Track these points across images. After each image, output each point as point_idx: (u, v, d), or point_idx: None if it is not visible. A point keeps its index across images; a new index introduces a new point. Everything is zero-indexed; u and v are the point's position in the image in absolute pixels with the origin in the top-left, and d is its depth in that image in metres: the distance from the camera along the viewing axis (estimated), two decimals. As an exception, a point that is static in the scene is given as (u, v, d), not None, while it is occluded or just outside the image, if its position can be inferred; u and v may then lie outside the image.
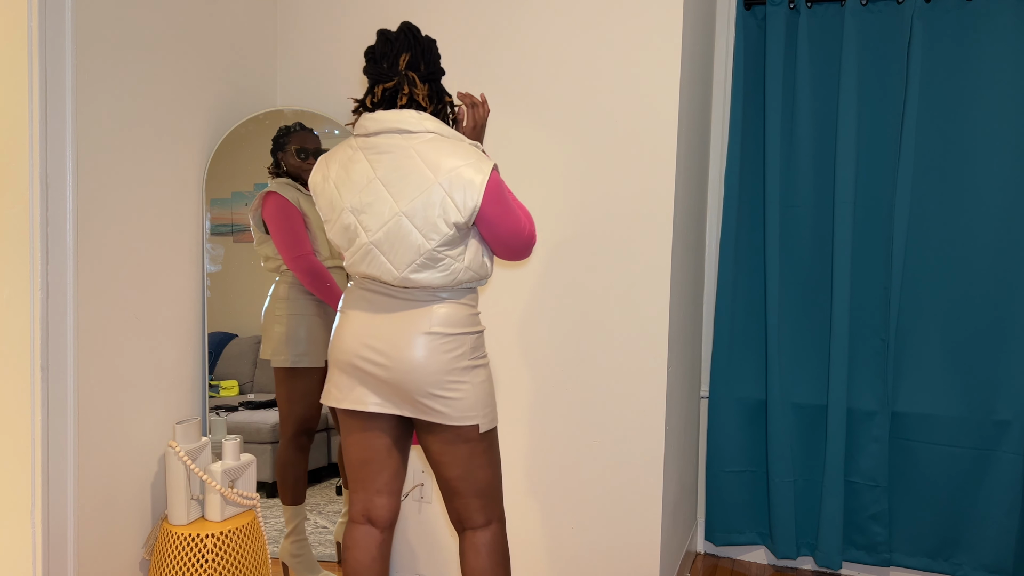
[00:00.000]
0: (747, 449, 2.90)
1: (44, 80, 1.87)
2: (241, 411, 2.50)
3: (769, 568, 2.93)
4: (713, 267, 3.00)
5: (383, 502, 1.87)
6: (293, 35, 2.68)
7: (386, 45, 1.75)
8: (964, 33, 2.59)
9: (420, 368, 1.72)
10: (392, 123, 1.70)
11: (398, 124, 1.70)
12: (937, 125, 2.64)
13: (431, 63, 1.77)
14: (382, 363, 1.74)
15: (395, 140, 1.70)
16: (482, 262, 1.78)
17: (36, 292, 1.87)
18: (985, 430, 2.62)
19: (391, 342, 1.73)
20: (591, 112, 2.33)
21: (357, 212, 1.72)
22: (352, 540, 1.88)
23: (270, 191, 2.44)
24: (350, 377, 1.79)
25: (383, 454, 1.85)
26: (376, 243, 1.71)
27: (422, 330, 1.73)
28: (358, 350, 1.76)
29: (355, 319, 1.78)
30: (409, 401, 1.76)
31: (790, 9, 2.73)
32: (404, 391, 1.74)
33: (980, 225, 2.60)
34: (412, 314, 1.74)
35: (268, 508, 2.56)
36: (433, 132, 1.71)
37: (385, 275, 1.73)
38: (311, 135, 2.52)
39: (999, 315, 2.60)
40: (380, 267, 1.73)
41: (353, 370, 1.78)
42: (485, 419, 1.78)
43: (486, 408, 1.79)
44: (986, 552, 2.63)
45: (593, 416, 2.37)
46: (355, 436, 1.85)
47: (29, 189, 1.84)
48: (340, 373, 1.81)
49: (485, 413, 1.78)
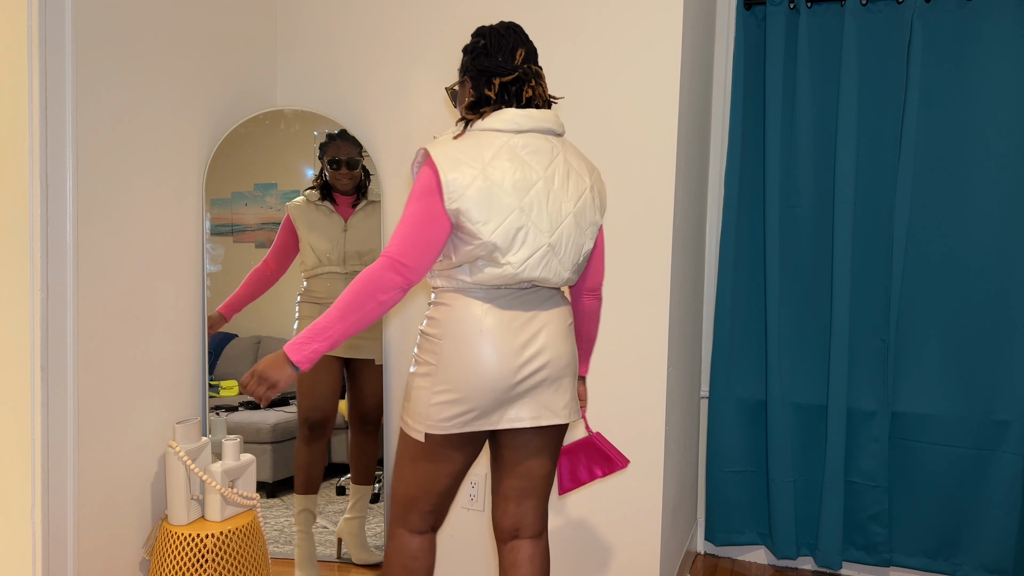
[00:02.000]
0: (747, 449, 2.90)
1: (44, 80, 1.87)
2: (241, 411, 2.50)
3: (769, 568, 2.93)
4: (713, 267, 3.00)
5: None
6: (293, 35, 2.68)
7: (498, 39, 1.69)
8: (964, 33, 2.59)
9: (573, 361, 1.74)
10: (545, 122, 1.67)
11: (548, 123, 1.68)
12: (937, 125, 2.64)
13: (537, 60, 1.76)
14: (543, 363, 1.68)
15: (545, 139, 1.68)
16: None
17: (36, 292, 1.87)
18: (985, 430, 2.62)
19: (547, 341, 1.68)
20: (591, 112, 2.33)
21: (528, 212, 1.62)
22: (424, 549, 1.80)
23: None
24: (505, 397, 1.67)
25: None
26: (552, 244, 1.65)
27: (568, 322, 1.75)
28: (519, 367, 1.66)
29: (502, 335, 1.65)
30: (549, 407, 1.70)
31: (790, 9, 2.73)
32: (555, 390, 1.70)
33: (980, 225, 2.60)
34: (559, 311, 1.73)
35: (268, 508, 2.56)
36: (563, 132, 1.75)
37: (554, 277, 1.67)
38: (346, 144, 2.55)
39: (999, 315, 2.60)
40: (552, 269, 1.66)
41: (511, 389, 1.66)
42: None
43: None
44: (986, 552, 2.63)
45: (593, 416, 2.37)
46: (467, 455, 1.75)
47: (29, 189, 1.84)
48: (489, 399, 1.66)
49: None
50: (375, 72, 2.57)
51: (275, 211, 2.52)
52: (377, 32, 2.56)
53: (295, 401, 2.54)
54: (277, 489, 2.56)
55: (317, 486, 2.54)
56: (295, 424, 2.54)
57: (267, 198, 2.52)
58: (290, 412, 2.55)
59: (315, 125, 2.55)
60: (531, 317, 1.68)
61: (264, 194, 2.52)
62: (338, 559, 2.57)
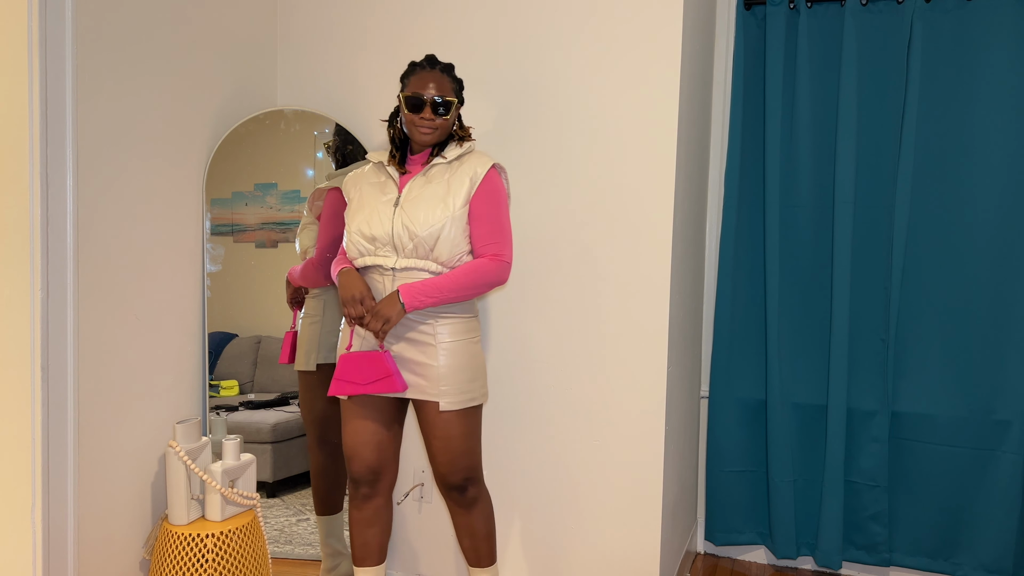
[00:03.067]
0: (747, 449, 2.90)
1: (44, 80, 1.87)
2: (241, 411, 2.50)
3: (769, 568, 2.93)
4: (713, 267, 3.00)
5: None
6: (293, 35, 2.68)
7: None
8: (964, 33, 2.58)
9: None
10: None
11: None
12: (937, 125, 2.64)
13: None
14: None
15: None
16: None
17: (36, 292, 1.87)
18: (985, 430, 2.62)
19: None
20: (591, 112, 2.33)
21: None
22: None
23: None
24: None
25: None
26: None
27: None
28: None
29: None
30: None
31: (790, 9, 2.73)
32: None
33: (980, 225, 2.60)
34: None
35: (268, 508, 2.56)
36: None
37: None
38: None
39: (999, 315, 2.60)
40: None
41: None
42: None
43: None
44: (986, 552, 2.63)
45: (593, 416, 2.37)
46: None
47: (29, 189, 1.84)
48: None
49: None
50: (375, 72, 2.57)
51: (275, 211, 2.52)
52: (377, 32, 2.56)
53: (295, 401, 2.54)
54: (277, 489, 2.56)
55: (339, 504, 2.50)
56: (295, 424, 2.54)
57: (267, 198, 2.52)
58: (290, 412, 2.55)
59: (315, 125, 2.55)
60: None
61: (264, 194, 2.52)
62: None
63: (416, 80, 2.01)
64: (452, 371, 1.98)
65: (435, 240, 1.95)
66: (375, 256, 2.00)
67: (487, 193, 2.00)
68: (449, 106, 2.00)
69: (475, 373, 2.02)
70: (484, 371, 2.06)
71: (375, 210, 2.00)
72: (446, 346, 1.98)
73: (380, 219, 1.99)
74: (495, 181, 2.03)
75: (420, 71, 2.01)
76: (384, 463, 2.07)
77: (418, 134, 2.00)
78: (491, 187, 2.01)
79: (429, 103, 1.97)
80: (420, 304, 1.92)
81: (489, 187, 2.01)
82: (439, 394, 1.97)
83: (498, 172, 2.06)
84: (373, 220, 1.99)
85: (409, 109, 1.99)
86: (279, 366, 2.52)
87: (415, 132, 2.00)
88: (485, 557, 2.12)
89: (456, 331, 2.00)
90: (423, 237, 1.95)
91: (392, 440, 2.08)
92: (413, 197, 1.99)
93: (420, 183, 2.01)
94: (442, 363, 1.97)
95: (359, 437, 2.04)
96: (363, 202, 2.04)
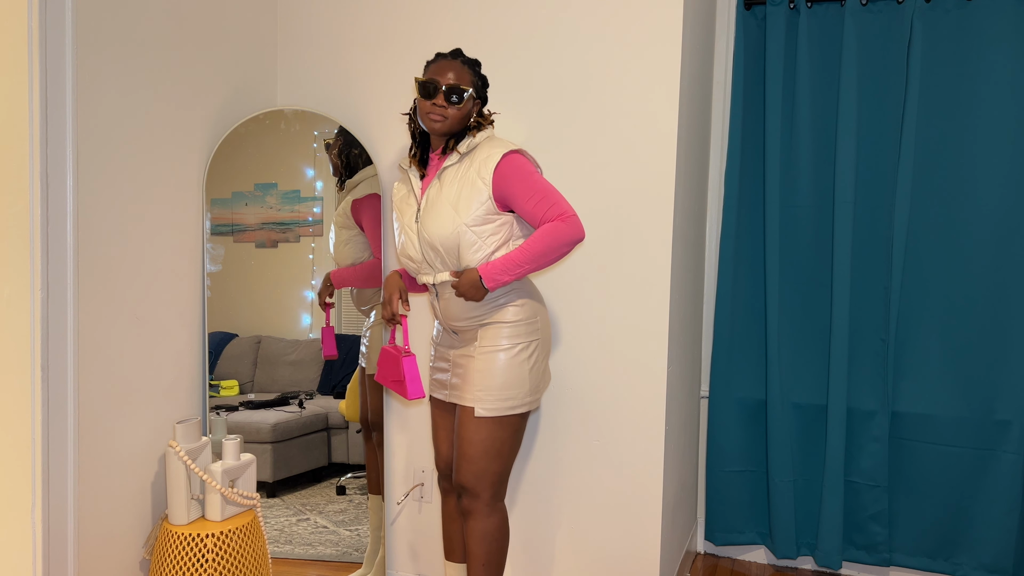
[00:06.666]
0: (747, 449, 2.90)
1: (44, 80, 1.87)
2: (241, 411, 2.50)
3: (769, 568, 2.93)
4: (713, 267, 3.00)
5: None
6: (293, 35, 2.68)
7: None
8: (964, 33, 2.58)
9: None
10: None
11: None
12: (937, 125, 2.64)
13: None
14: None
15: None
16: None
17: (36, 292, 1.87)
18: (985, 430, 2.62)
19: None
20: (591, 112, 2.33)
21: None
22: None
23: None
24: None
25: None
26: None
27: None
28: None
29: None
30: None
31: (790, 9, 2.73)
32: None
33: (980, 225, 2.60)
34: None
35: (268, 508, 2.56)
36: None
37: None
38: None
39: (999, 315, 2.60)
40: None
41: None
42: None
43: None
44: (986, 552, 2.63)
45: (593, 416, 2.37)
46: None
47: (29, 189, 1.84)
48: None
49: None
50: (375, 72, 2.57)
51: (275, 211, 2.52)
52: (377, 32, 2.56)
53: (294, 401, 2.54)
54: (277, 489, 2.56)
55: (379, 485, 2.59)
56: (295, 424, 2.54)
57: (267, 198, 2.52)
58: (290, 412, 2.55)
59: (315, 125, 2.55)
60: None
61: (264, 194, 2.52)
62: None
63: (436, 67, 1.97)
64: (481, 376, 1.97)
65: (456, 249, 1.93)
66: (420, 275, 2.04)
67: (508, 176, 1.91)
68: (462, 95, 1.93)
69: (506, 382, 1.96)
70: (518, 383, 1.97)
71: (404, 230, 2.04)
72: (483, 351, 1.98)
73: (411, 239, 2.02)
74: (512, 162, 1.92)
75: (442, 59, 1.98)
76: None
77: (428, 121, 1.95)
78: (509, 170, 1.91)
79: (442, 89, 1.93)
80: (498, 283, 1.90)
81: (506, 171, 1.91)
82: (460, 396, 2.02)
83: (511, 156, 1.94)
84: (407, 241, 2.03)
85: (421, 94, 1.94)
86: (279, 366, 2.52)
87: (426, 120, 1.95)
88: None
89: (492, 336, 1.98)
90: (444, 251, 1.94)
91: None
92: (428, 209, 1.98)
93: (435, 191, 1.99)
94: (471, 367, 1.99)
95: (437, 433, 2.16)
96: (400, 222, 2.07)
